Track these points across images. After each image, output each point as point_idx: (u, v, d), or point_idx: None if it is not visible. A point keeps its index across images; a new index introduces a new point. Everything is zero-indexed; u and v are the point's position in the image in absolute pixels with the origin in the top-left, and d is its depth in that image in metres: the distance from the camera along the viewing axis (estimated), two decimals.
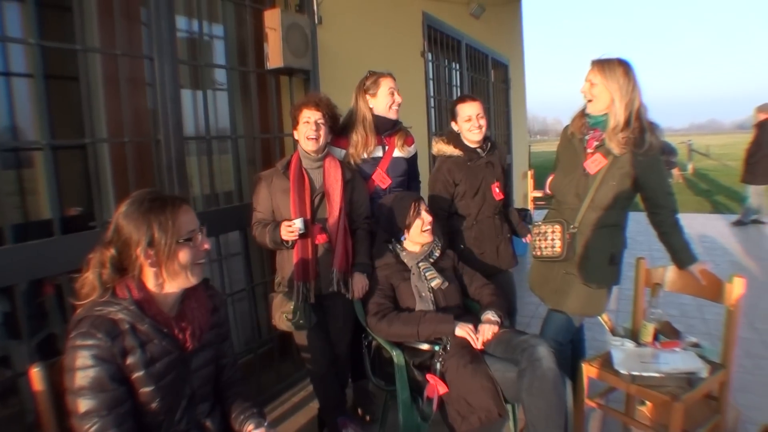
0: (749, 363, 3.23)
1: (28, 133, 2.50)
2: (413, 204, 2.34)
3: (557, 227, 2.35)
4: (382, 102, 2.63)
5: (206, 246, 1.43)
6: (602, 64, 2.22)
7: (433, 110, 5.31)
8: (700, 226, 2.16)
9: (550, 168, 2.78)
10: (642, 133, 2.19)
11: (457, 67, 6.16)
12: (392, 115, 2.66)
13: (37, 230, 2.10)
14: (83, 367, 1.24)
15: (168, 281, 1.39)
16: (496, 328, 2.16)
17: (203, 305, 1.50)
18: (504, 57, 7.84)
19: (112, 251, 1.35)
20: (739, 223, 7.67)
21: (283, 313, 2.28)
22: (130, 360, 1.30)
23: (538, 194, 9.30)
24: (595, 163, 2.29)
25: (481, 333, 2.13)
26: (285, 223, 2.20)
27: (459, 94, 6.13)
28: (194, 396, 1.46)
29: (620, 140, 2.17)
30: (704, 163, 18.98)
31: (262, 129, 3.11)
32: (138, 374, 1.31)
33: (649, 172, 2.24)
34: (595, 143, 2.30)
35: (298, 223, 2.19)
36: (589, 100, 2.27)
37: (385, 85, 2.62)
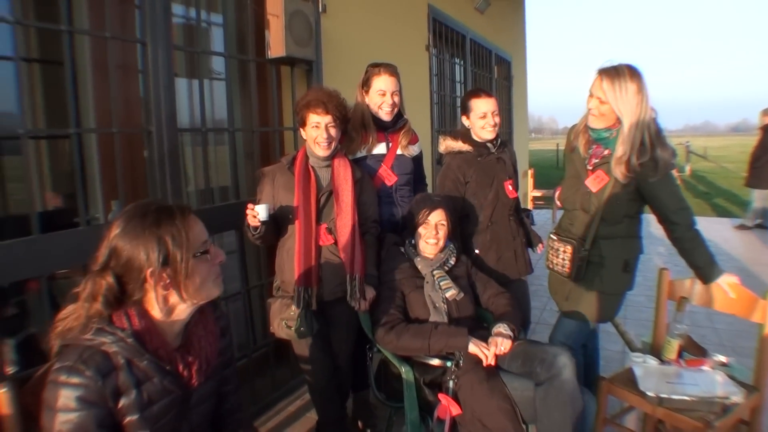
0: None
1: (10, 120, 2.31)
2: (424, 211, 2.19)
3: (568, 248, 2.24)
4: (372, 101, 2.46)
5: (221, 258, 1.24)
6: (612, 80, 2.01)
7: (436, 106, 5.14)
8: (702, 230, 2.06)
9: (547, 167, 2.65)
10: (653, 154, 2.02)
11: (461, 62, 6.00)
12: (383, 116, 2.47)
13: (13, 226, 1.93)
14: (65, 409, 1.04)
15: (183, 303, 1.19)
16: (509, 344, 1.97)
17: (211, 332, 1.30)
18: (507, 53, 7.70)
19: (109, 280, 1.13)
20: (742, 227, 7.57)
21: (282, 320, 2.12)
22: (123, 402, 1.10)
23: (538, 194, 9.20)
24: (597, 181, 2.16)
25: (493, 345, 1.96)
26: (249, 206, 2.04)
27: (462, 90, 5.97)
28: None
29: (623, 170, 2.04)
30: (700, 165, 18.91)
31: (261, 122, 2.93)
32: (131, 418, 1.11)
33: (659, 191, 2.09)
34: (595, 161, 2.18)
35: (258, 209, 2.01)
36: (594, 116, 2.11)
37: (376, 84, 2.42)
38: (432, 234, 2.20)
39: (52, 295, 1.93)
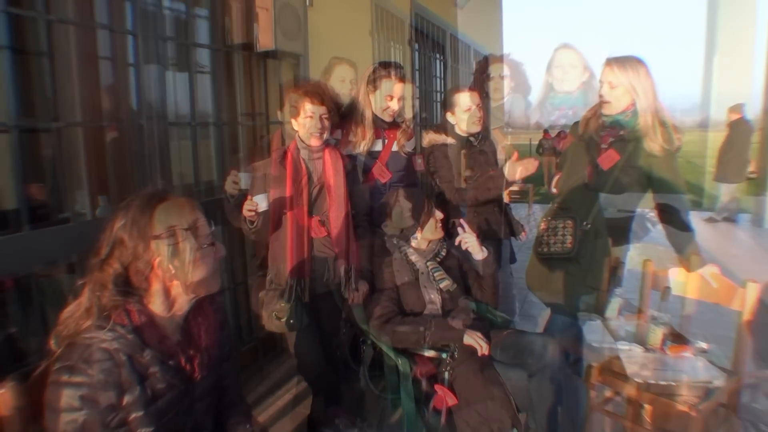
0: None
1: None
2: (426, 201, 2.21)
3: (569, 222, 2.26)
4: (377, 103, 2.46)
5: (222, 252, 1.25)
6: (622, 64, 2.11)
7: (417, 101, 5.16)
8: None
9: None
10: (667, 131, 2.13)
11: (441, 57, 6.03)
12: (385, 118, 2.49)
13: None
14: (69, 408, 1.03)
15: (184, 296, 1.19)
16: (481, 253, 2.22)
17: (211, 324, 1.30)
18: (485, 49, 7.75)
19: (116, 266, 1.12)
20: (711, 220, 7.80)
21: (272, 312, 2.12)
22: (127, 399, 1.09)
23: (515, 188, 9.30)
24: (608, 159, 2.20)
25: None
26: (248, 198, 2.07)
27: (442, 85, 6.01)
28: (196, 428, 1.27)
29: (661, 141, 2.10)
30: None
31: (248, 116, 2.90)
32: (137, 415, 1.10)
33: (666, 171, 2.15)
34: (611, 139, 2.22)
35: (257, 199, 2.05)
36: (606, 102, 2.17)
37: (385, 87, 2.42)
38: (440, 219, 2.25)
39: (30, 294, 1.89)
